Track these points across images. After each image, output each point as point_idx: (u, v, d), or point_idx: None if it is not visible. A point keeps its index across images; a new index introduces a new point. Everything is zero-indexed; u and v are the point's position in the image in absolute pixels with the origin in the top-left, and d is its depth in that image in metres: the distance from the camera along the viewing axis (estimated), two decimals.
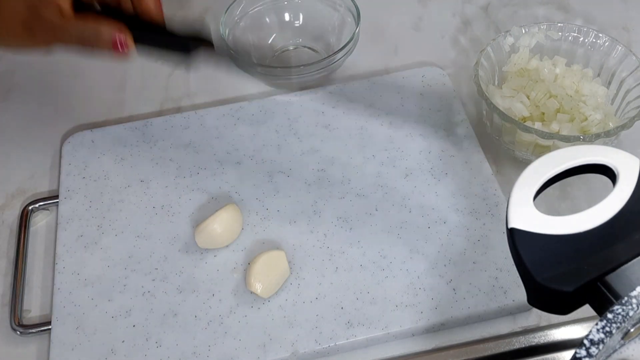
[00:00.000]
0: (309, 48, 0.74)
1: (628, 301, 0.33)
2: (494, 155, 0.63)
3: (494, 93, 0.61)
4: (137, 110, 0.70)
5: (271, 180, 0.61)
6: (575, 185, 0.61)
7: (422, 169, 0.61)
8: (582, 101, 0.61)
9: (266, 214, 0.59)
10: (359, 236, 0.57)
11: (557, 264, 0.37)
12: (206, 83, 0.72)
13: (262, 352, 0.51)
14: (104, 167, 0.63)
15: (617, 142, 0.60)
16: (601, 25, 0.74)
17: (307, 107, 0.67)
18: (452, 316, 0.52)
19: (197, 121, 0.66)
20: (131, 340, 0.52)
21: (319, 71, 0.67)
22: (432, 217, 0.58)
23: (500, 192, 0.59)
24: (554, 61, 0.63)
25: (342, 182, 0.61)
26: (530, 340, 0.51)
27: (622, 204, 0.38)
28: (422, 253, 0.55)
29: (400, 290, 0.53)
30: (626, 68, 0.61)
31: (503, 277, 0.54)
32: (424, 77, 0.68)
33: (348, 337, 0.51)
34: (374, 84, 0.68)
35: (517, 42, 0.64)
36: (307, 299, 0.53)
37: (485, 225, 0.57)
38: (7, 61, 0.76)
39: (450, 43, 0.74)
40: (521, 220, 0.38)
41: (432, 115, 0.65)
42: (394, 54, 0.74)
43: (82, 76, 0.74)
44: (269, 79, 0.69)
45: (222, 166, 0.63)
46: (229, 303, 0.54)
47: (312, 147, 0.63)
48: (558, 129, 0.58)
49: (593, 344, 0.32)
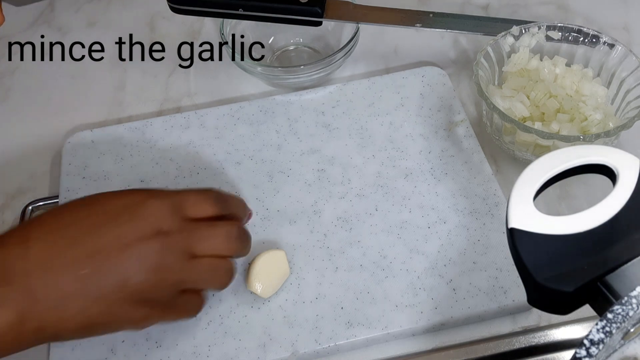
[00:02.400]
0: (309, 48, 0.74)
1: (628, 301, 0.33)
2: (494, 155, 0.63)
3: (494, 93, 0.61)
4: (137, 110, 0.70)
5: (271, 180, 0.61)
6: (575, 185, 0.61)
7: (422, 169, 0.61)
8: (582, 101, 0.61)
9: (266, 214, 0.59)
10: (359, 236, 0.57)
11: (557, 264, 0.37)
12: (206, 83, 0.72)
13: (262, 352, 0.51)
14: (104, 167, 0.63)
15: (617, 142, 0.60)
16: (601, 25, 0.74)
17: (307, 107, 0.67)
18: (452, 316, 0.52)
19: (197, 121, 0.66)
20: (131, 340, 0.52)
21: (318, 71, 0.67)
22: (432, 217, 0.58)
23: (500, 192, 0.59)
24: (554, 61, 0.63)
25: (342, 182, 0.61)
26: (530, 340, 0.51)
27: (622, 204, 0.38)
28: (422, 253, 0.55)
29: (400, 290, 0.53)
30: (626, 68, 0.61)
31: (503, 277, 0.54)
32: (424, 77, 0.68)
33: (348, 337, 0.51)
34: (374, 84, 0.68)
35: (517, 42, 0.64)
36: (307, 299, 0.53)
37: (485, 225, 0.57)
38: (7, 61, 0.76)
39: (450, 43, 0.74)
40: (521, 220, 0.38)
41: (432, 115, 0.65)
42: (394, 54, 0.74)
43: (82, 76, 0.74)
44: (269, 79, 0.69)
45: (222, 166, 0.63)
46: (229, 303, 0.54)
47: (312, 147, 0.63)
48: (558, 129, 0.58)
49: (593, 344, 0.32)
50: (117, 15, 0.81)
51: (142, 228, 0.44)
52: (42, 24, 0.80)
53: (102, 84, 0.73)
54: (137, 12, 0.80)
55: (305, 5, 0.64)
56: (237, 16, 0.66)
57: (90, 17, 0.81)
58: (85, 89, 0.73)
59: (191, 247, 0.46)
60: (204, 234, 0.47)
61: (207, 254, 0.47)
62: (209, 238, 0.47)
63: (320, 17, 0.65)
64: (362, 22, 0.67)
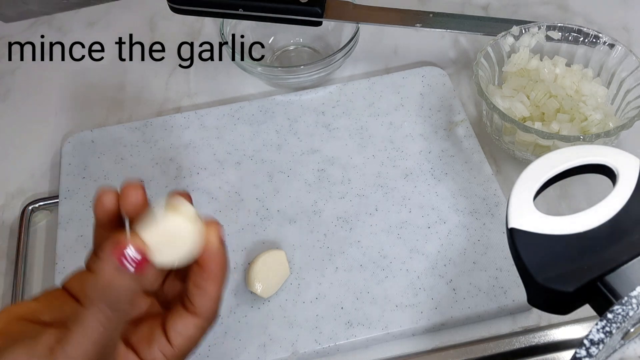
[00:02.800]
0: (309, 48, 0.74)
1: (628, 301, 0.33)
2: (494, 155, 0.63)
3: (494, 93, 0.61)
4: (137, 110, 0.70)
5: (271, 180, 0.61)
6: (575, 185, 0.61)
7: (422, 169, 0.61)
8: (582, 101, 0.61)
9: (266, 214, 0.59)
10: (359, 236, 0.57)
11: (557, 264, 0.37)
12: (206, 83, 0.72)
13: (262, 352, 0.51)
14: (104, 167, 0.63)
15: (617, 142, 0.60)
16: (601, 25, 0.74)
17: (307, 107, 0.67)
18: (452, 316, 0.52)
19: (197, 121, 0.66)
20: None
21: (319, 71, 0.67)
22: (432, 217, 0.58)
23: (500, 192, 0.59)
24: (554, 61, 0.63)
25: (342, 182, 0.61)
26: (530, 340, 0.51)
27: (622, 204, 0.38)
28: (422, 253, 0.55)
29: (400, 290, 0.53)
30: (626, 68, 0.61)
31: (503, 277, 0.54)
32: (424, 77, 0.68)
33: (348, 337, 0.51)
34: (374, 84, 0.68)
35: (517, 42, 0.64)
36: (307, 299, 0.53)
37: (485, 225, 0.57)
38: (7, 61, 0.76)
39: (450, 43, 0.74)
40: (521, 220, 0.38)
41: (432, 115, 0.65)
42: (394, 54, 0.74)
43: (82, 76, 0.74)
44: (269, 79, 0.69)
45: (222, 166, 0.63)
46: (229, 303, 0.54)
47: (312, 147, 0.63)
48: (558, 129, 0.58)
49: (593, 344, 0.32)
50: (117, 15, 0.81)
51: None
52: (42, 24, 0.80)
53: (102, 84, 0.73)
54: (137, 12, 0.80)
55: (305, 5, 0.64)
56: (237, 16, 0.66)
57: (90, 17, 0.81)
58: (85, 89, 0.73)
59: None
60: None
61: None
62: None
63: (320, 17, 0.65)
64: (362, 22, 0.67)
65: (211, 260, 0.37)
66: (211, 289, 0.38)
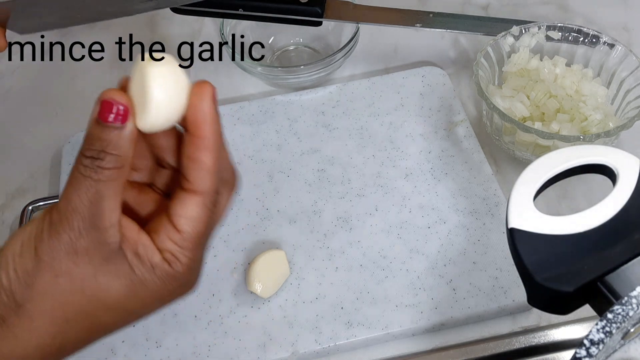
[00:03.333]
0: (309, 48, 0.74)
1: (628, 301, 0.33)
2: (494, 155, 0.63)
3: (494, 93, 0.61)
4: None
5: (271, 180, 0.61)
6: (575, 185, 0.60)
7: (422, 169, 0.61)
8: (582, 101, 0.61)
9: (266, 214, 0.59)
10: (359, 236, 0.57)
11: (557, 264, 0.37)
12: None
13: (262, 352, 0.51)
14: None
15: (617, 142, 0.60)
16: (601, 25, 0.74)
17: (307, 107, 0.67)
18: (452, 316, 0.52)
19: None
20: (131, 340, 0.52)
21: (318, 71, 0.67)
22: (432, 217, 0.58)
23: (500, 192, 0.59)
24: (554, 61, 0.63)
25: (342, 182, 0.61)
26: (530, 340, 0.51)
27: (622, 204, 0.38)
28: (422, 253, 0.55)
29: (400, 290, 0.53)
30: (626, 68, 0.61)
31: (503, 277, 0.54)
32: (424, 77, 0.68)
33: (348, 337, 0.51)
34: (374, 84, 0.68)
35: (517, 42, 0.64)
36: (307, 299, 0.53)
37: (485, 225, 0.57)
38: (7, 61, 0.76)
39: (450, 43, 0.74)
40: (521, 220, 0.38)
41: (432, 115, 0.65)
42: (394, 53, 0.74)
43: (82, 76, 0.74)
44: (269, 79, 0.69)
45: None
46: (229, 303, 0.54)
47: (312, 147, 0.63)
48: (558, 129, 0.58)
49: (593, 344, 0.32)
50: None
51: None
52: None
53: (102, 84, 0.73)
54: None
55: (305, 5, 0.64)
56: (237, 16, 0.66)
57: None
58: (86, 89, 0.73)
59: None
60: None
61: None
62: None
63: (320, 17, 0.65)
64: (362, 22, 0.67)
65: (203, 124, 0.35)
66: (205, 159, 0.36)
